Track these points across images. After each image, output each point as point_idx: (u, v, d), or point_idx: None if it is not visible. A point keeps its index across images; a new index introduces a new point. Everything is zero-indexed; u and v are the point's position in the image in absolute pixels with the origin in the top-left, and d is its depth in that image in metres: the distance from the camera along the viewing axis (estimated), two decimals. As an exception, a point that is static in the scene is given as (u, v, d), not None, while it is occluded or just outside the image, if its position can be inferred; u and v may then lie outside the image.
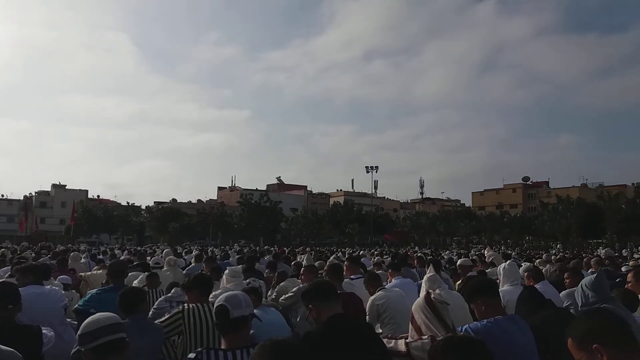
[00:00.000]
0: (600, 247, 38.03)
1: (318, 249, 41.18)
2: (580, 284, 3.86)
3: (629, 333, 1.95)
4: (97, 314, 2.75)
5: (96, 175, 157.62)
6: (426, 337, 3.22)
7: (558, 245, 65.84)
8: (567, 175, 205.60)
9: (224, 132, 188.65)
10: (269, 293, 7.21)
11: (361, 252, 25.48)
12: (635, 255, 20.12)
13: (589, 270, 9.04)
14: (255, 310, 4.29)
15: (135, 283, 6.83)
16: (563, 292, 5.80)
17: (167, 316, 4.13)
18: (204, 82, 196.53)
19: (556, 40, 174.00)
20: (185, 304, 4.17)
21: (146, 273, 7.25)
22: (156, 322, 4.10)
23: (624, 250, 37.78)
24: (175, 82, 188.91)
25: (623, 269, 9.43)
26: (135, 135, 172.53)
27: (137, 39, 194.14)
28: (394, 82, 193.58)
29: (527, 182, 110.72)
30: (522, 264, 9.89)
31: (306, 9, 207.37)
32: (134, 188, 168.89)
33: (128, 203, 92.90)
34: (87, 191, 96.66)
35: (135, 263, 10.27)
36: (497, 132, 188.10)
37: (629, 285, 5.03)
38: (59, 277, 7.32)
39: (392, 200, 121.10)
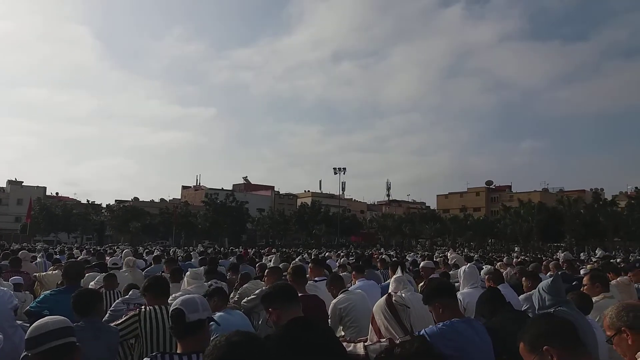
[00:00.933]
0: (560, 251, 39.26)
1: (284, 250, 41.04)
2: (537, 288, 3.93)
3: (576, 335, 2.12)
4: (46, 318, 2.66)
5: (55, 172, 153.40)
6: (384, 340, 3.21)
7: (517, 248, 67.36)
8: (529, 180, 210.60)
9: (189, 130, 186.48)
10: (231, 295, 7.11)
11: (327, 254, 25.52)
12: (593, 259, 20.77)
13: (547, 274, 9.24)
14: (219, 313, 4.22)
15: (92, 284, 6.64)
16: (522, 296, 5.91)
17: (123, 319, 4.03)
18: (168, 78, 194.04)
19: (520, 47, 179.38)
20: (143, 307, 4.06)
21: (104, 274, 7.05)
22: (112, 324, 3.98)
23: (582, 254, 39.11)
24: (138, 77, 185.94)
25: (581, 271, 9.70)
26: (96, 131, 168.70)
27: (99, 33, 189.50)
28: (362, 84, 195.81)
29: (491, 186, 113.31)
30: (484, 267, 10.06)
31: (274, 8, 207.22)
32: (95, 185, 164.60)
33: (88, 201, 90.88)
34: (45, 188, 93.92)
35: (93, 263, 9.97)
36: (462, 136, 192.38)
37: (585, 288, 5.15)
38: (11, 278, 7.05)
39: (359, 201, 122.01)
